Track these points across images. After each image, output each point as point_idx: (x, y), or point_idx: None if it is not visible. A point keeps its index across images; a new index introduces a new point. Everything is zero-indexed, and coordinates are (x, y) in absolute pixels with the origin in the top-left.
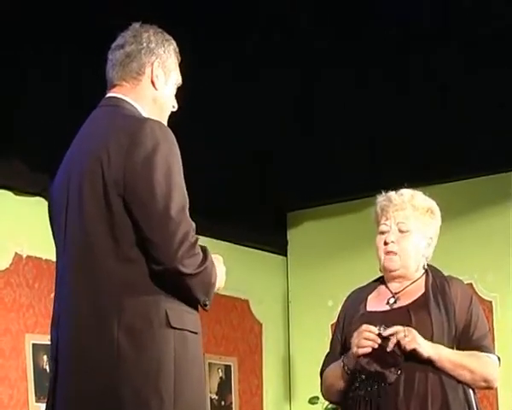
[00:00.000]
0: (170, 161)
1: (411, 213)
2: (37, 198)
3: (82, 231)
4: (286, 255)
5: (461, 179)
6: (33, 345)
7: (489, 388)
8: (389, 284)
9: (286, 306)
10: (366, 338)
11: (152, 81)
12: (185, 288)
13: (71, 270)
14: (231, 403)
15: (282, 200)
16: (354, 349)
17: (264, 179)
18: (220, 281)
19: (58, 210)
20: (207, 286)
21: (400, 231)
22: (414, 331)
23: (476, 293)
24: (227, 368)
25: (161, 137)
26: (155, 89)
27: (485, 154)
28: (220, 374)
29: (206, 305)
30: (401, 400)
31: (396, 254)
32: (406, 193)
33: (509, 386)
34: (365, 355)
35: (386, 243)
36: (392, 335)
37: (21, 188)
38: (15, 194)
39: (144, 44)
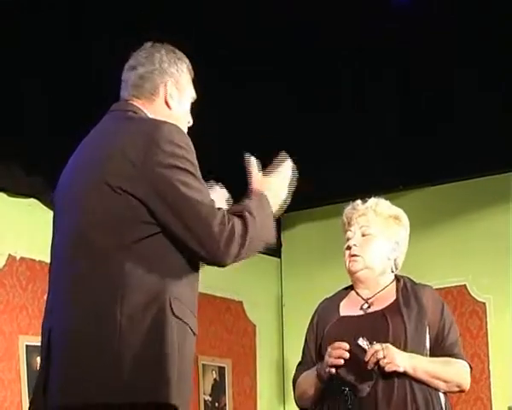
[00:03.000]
0: (190, 161)
1: (373, 217)
2: (32, 200)
3: (87, 233)
4: (280, 257)
5: (458, 181)
6: (27, 347)
7: (461, 391)
8: (359, 291)
9: (280, 308)
10: (336, 356)
11: (166, 101)
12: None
13: (71, 266)
14: (225, 405)
15: None
16: (324, 366)
17: None
18: (278, 198)
19: (61, 213)
20: (263, 240)
21: (363, 235)
22: (392, 350)
23: (470, 294)
24: (221, 370)
25: (178, 139)
26: (169, 108)
27: (484, 155)
28: (214, 376)
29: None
30: (381, 407)
31: (359, 256)
32: (371, 201)
33: (502, 386)
34: (341, 365)
35: (349, 248)
36: (371, 354)
37: (16, 190)
38: (10, 196)
39: (157, 65)
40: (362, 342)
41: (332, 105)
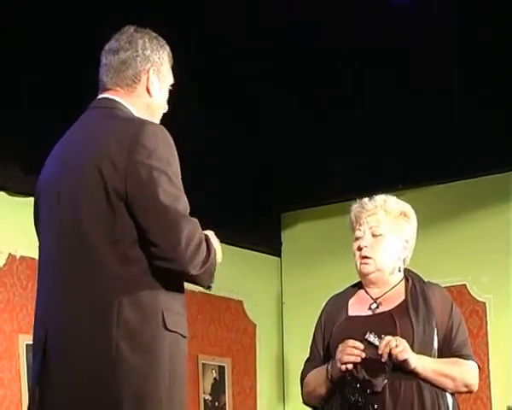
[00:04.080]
0: (172, 164)
1: (384, 217)
2: (32, 199)
3: (79, 232)
4: (280, 256)
5: (458, 181)
6: (27, 346)
7: (469, 392)
8: (369, 290)
9: (280, 307)
10: (350, 354)
11: (147, 88)
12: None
13: (65, 268)
14: (225, 404)
15: (276, 201)
16: (338, 364)
17: (258, 180)
18: (219, 257)
19: (48, 208)
20: (212, 274)
21: (374, 236)
22: (404, 341)
23: (470, 294)
24: (221, 369)
25: (162, 141)
26: (150, 96)
27: (484, 155)
28: (214, 375)
29: (209, 287)
30: (388, 408)
31: (370, 258)
32: (379, 198)
33: (501, 386)
34: (354, 362)
35: (360, 249)
36: (385, 345)
37: (16, 189)
38: (10, 195)
39: (140, 51)
40: (371, 336)
41: (332, 105)
